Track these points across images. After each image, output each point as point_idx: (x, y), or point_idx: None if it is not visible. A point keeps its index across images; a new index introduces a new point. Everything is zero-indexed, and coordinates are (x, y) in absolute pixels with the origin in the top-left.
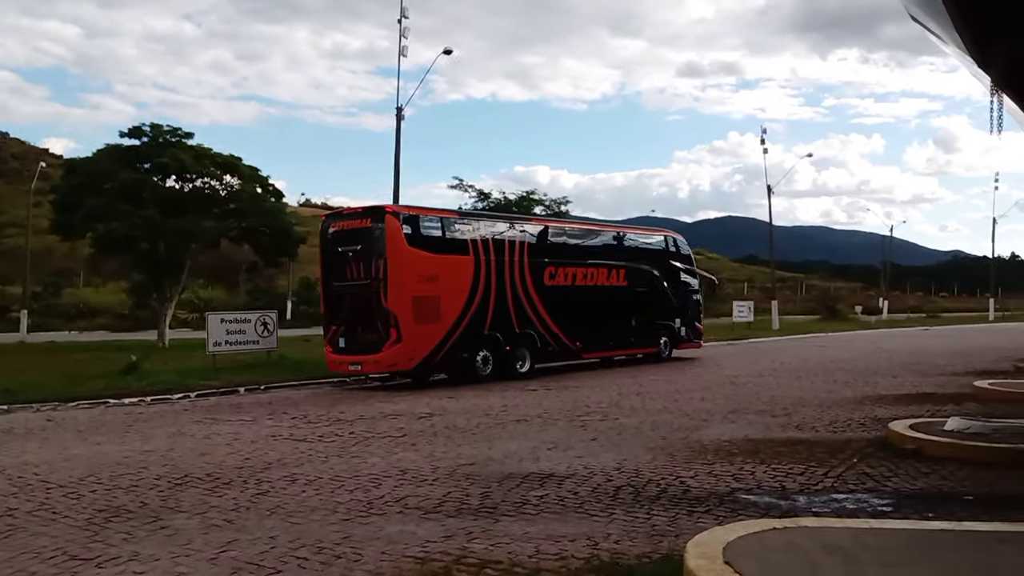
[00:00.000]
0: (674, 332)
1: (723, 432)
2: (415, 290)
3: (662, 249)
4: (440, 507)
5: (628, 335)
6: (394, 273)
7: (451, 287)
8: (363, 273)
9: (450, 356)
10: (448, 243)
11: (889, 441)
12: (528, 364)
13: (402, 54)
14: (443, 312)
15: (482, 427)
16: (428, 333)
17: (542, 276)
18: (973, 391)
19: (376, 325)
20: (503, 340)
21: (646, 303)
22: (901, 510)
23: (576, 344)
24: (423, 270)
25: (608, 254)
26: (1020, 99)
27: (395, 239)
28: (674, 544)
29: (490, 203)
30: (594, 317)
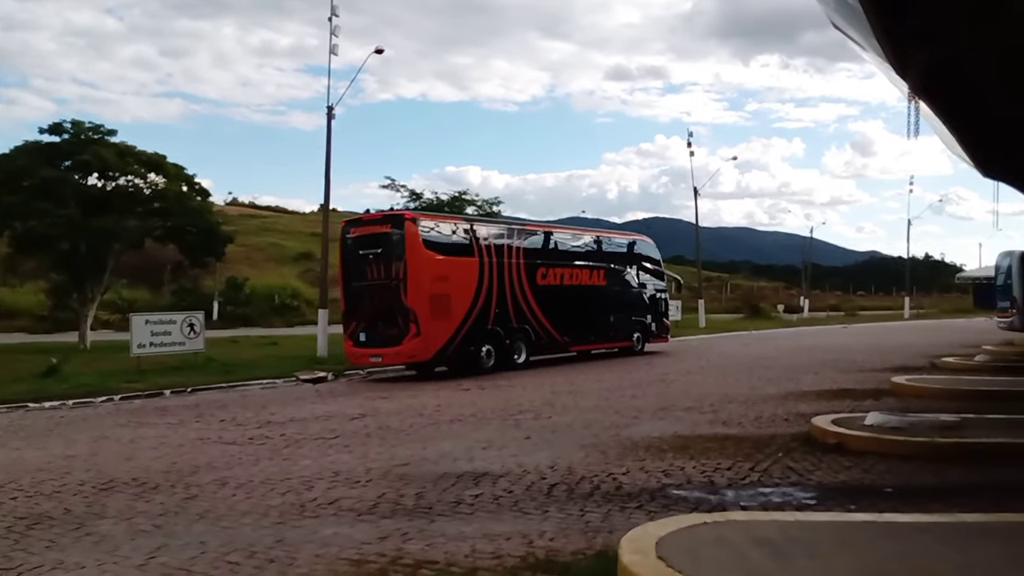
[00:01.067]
0: (646, 327)
1: (653, 429)
2: (431, 289)
3: (634, 251)
4: (374, 508)
5: (608, 330)
6: (413, 273)
7: (460, 286)
8: (384, 274)
9: (460, 348)
10: (457, 246)
11: (812, 436)
12: (524, 356)
13: (332, 52)
14: (454, 309)
15: (416, 427)
16: (442, 327)
17: (535, 276)
18: (891, 387)
19: (397, 320)
20: (504, 334)
21: (622, 301)
22: (825, 503)
23: (564, 338)
24: (437, 271)
25: (589, 256)
26: (935, 105)
27: (414, 243)
28: (608, 540)
29: (422, 203)
30: (579, 313)
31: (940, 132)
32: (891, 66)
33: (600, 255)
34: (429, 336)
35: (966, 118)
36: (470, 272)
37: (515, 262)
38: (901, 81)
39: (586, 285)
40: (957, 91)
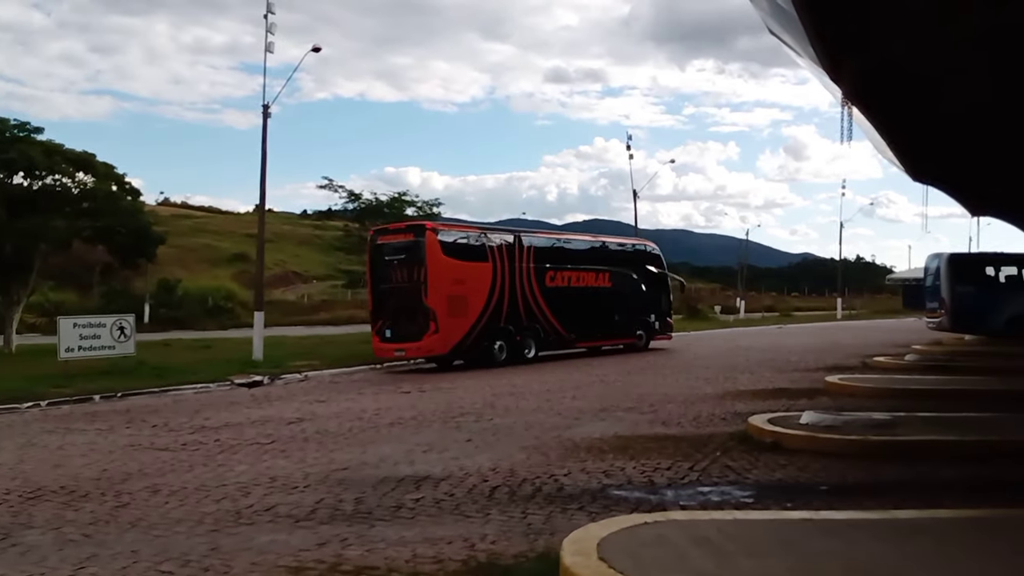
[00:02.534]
0: (650, 325)
1: (594, 430)
2: (449, 290)
3: (638, 255)
4: (313, 514)
5: (612, 328)
6: (433, 277)
7: (475, 288)
8: (407, 277)
9: (475, 344)
10: (473, 252)
11: (749, 435)
12: (534, 351)
13: (268, 50)
14: (470, 308)
15: (355, 431)
16: (458, 325)
17: (544, 279)
18: (825, 386)
19: (418, 319)
20: (515, 331)
21: (627, 300)
22: (762, 501)
23: (571, 335)
24: (454, 274)
25: (595, 260)
26: (867, 110)
27: (434, 249)
28: (550, 542)
29: (361, 204)
30: (585, 313)
31: (872, 137)
32: (825, 72)
33: (605, 259)
34: (447, 333)
35: (897, 124)
36: (484, 275)
37: (525, 266)
38: (835, 87)
39: (592, 287)
40: (889, 97)
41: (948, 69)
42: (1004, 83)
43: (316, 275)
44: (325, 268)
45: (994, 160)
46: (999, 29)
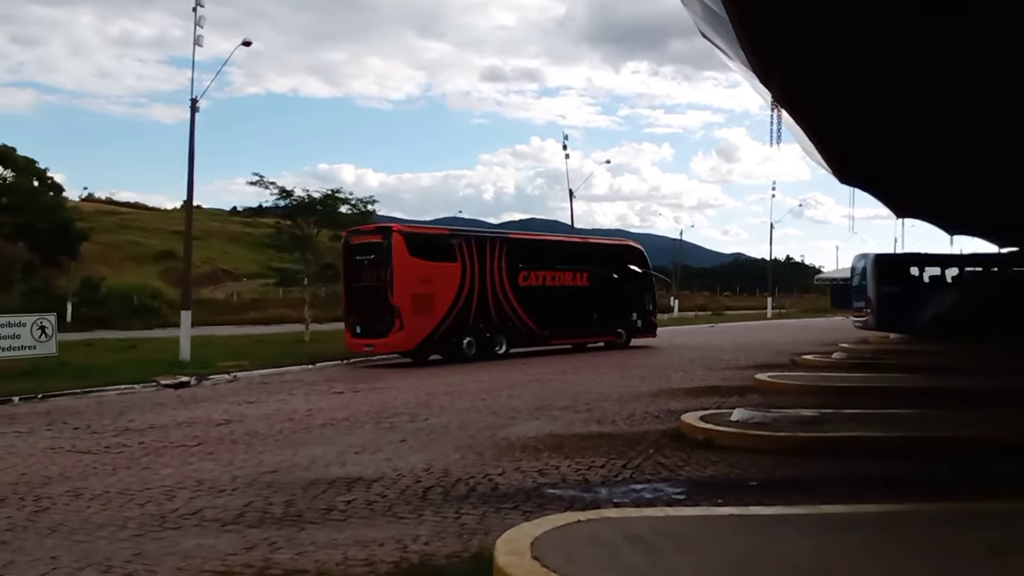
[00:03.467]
0: (631, 324)
1: (530, 429)
2: (414, 289)
3: (621, 256)
4: (241, 517)
5: (590, 326)
6: (398, 276)
7: (442, 287)
8: (375, 276)
9: (442, 340)
10: (440, 253)
11: (681, 432)
12: (504, 347)
13: (197, 44)
14: (436, 307)
15: (285, 433)
16: (424, 322)
17: (517, 278)
18: (755, 383)
19: (385, 316)
20: (484, 329)
21: (606, 300)
22: (694, 497)
23: (545, 333)
24: (420, 274)
25: (573, 260)
26: (796, 113)
27: (399, 251)
28: (483, 542)
29: (293, 201)
30: (560, 311)
31: (801, 140)
32: (755, 75)
33: (584, 259)
34: (412, 330)
35: (824, 127)
36: (452, 275)
37: (497, 266)
38: (765, 90)
39: (569, 286)
40: (816, 101)
41: (871, 76)
42: (924, 90)
43: (246, 273)
44: (256, 266)
45: (916, 164)
46: (918, 38)
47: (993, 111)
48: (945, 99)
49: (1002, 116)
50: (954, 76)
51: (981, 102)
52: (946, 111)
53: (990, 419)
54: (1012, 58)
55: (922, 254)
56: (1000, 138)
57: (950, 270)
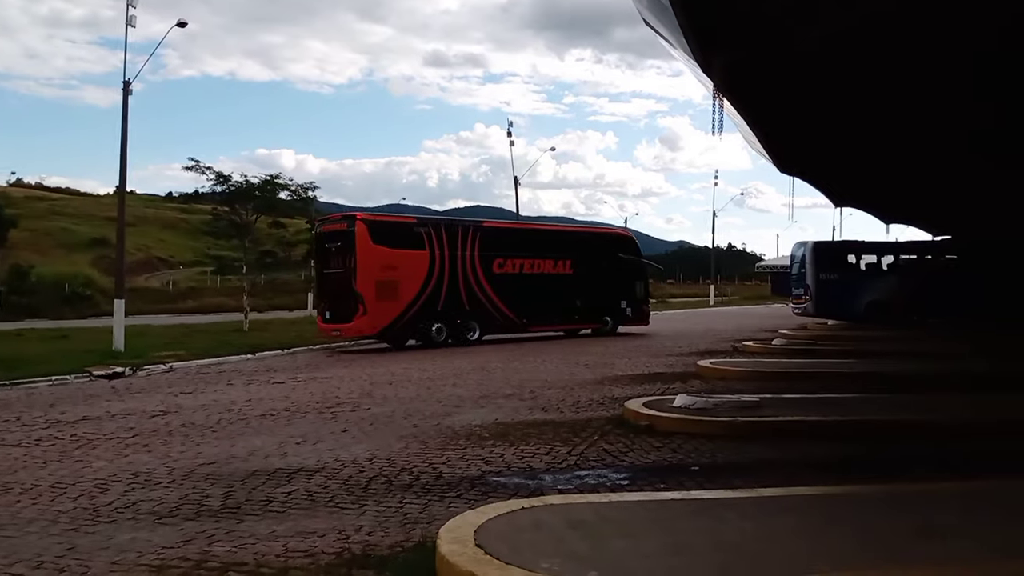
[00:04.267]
0: (619, 311)
1: (474, 417)
2: (378, 276)
3: (609, 244)
4: (177, 510)
5: (573, 313)
6: (361, 264)
7: (409, 275)
8: (341, 263)
9: (408, 326)
10: (406, 241)
11: (625, 419)
12: (477, 334)
13: (130, 24)
14: (402, 293)
15: (224, 423)
16: (388, 308)
17: (491, 266)
18: (697, 370)
19: (349, 302)
20: (454, 316)
21: (592, 288)
22: (637, 483)
23: (523, 320)
24: (384, 261)
25: (554, 248)
26: (737, 103)
27: (363, 239)
28: (427, 531)
29: (230, 186)
30: (540, 299)
31: (742, 129)
32: (698, 64)
33: (566, 248)
34: (374, 316)
35: (764, 117)
36: (420, 263)
37: (469, 254)
38: (707, 79)
39: (549, 274)
40: (756, 91)
41: (809, 67)
42: (859, 82)
43: (183, 261)
44: (193, 253)
45: (853, 154)
46: (853, 31)
47: (924, 104)
48: (879, 91)
49: (932, 109)
50: (887, 68)
51: (913, 95)
52: (880, 103)
53: (922, 403)
54: (942, 51)
55: (859, 242)
56: (931, 131)
57: (886, 257)
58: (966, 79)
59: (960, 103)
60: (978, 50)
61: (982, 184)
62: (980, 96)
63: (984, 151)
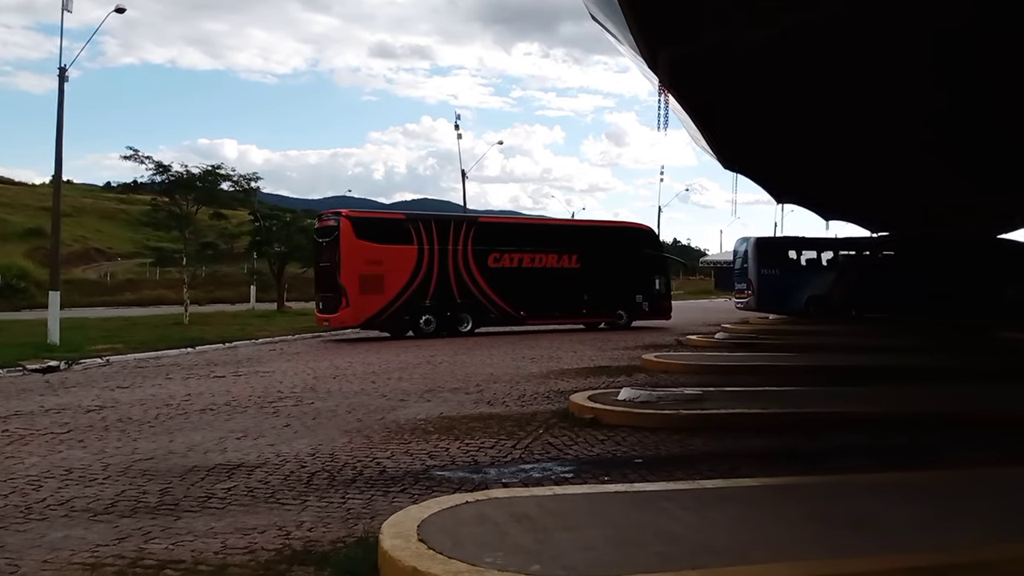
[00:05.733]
0: (635, 306)
1: (419, 411)
2: (361, 270)
3: (624, 238)
4: (113, 507)
5: (580, 307)
6: (345, 258)
7: (394, 268)
8: (330, 258)
9: (394, 318)
10: (392, 236)
11: (570, 412)
12: (469, 326)
13: (66, 9)
14: (387, 286)
15: (162, 418)
16: (372, 301)
17: (486, 260)
18: (642, 363)
19: (335, 294)
20: (444, 308)
21: (602, 281)
22: (581, 476)
23: (520, 313)
24: (369, 256)
25: (559, 243)
26: (682, 99)
27: (347, 234)
28: (369, 526)
29: (170, 176)
30: (541, 293)
31: (687, 126)
32: (644, 60)
33: (573, 242)
34: (358, 308)
35: (708, 114)
36: (407, 257)
37: (462, 248)
38: (653, 75)
39: (552, 268)
40: (700, 88)
41: (751, 65)
42: (800, 81)
43: (121, 252)
44: (132, 245)
45: (794, 152)
46: (796, 31)
47: (862, 104)
48: (819, 92)
49: (870, 110)
50: (827, 69)
51: (852, 96)
52: (820, 104)
53: (859, 395)
54: (880, 54)
55: (799, 238)
56: (869, 130)
57: (825, 253)
58: (906, 80)
59: (898, 103)
60: (917, 52)
61: (917, 182)
62: (918, 97)
63: (920, 151)
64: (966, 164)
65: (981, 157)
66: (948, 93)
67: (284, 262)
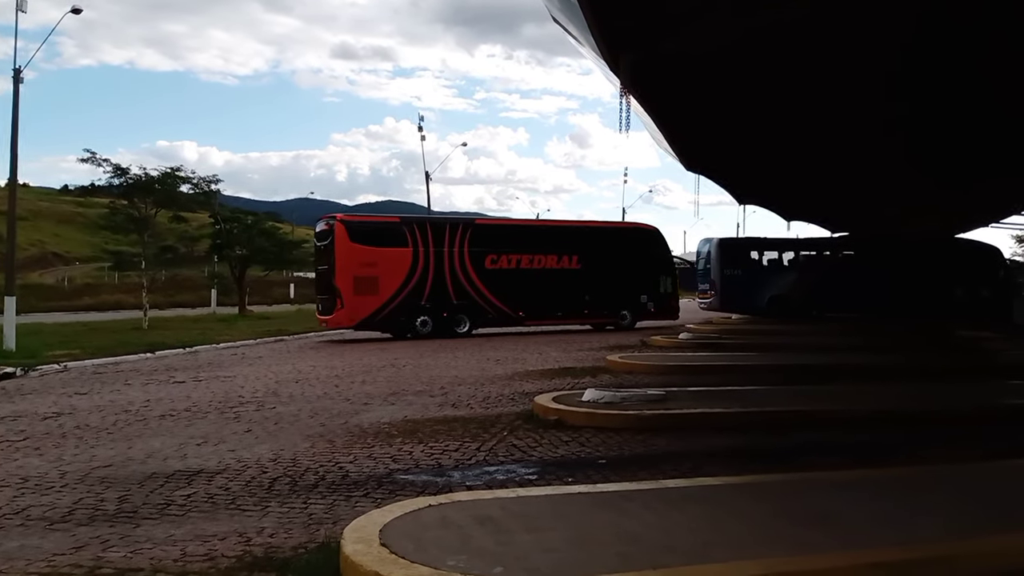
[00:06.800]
0: (640, 306)
1: (383, 415)
2: (356, 272)
3: (629, 239)
4: (70, 515)
5: (581, 307)
6: (339, 261)
7: (389, 270)
8: (327, 261)
9: (389, 319)
10: (387, 239)
11: (535, 414)
12: (467, 327)
13: (20, 9)
14: (382, 288)
15: (120, 425)
16: (367, 302)
17: (483, 262)
18: (607, 364)
19: (332, 296)
20: (440, 309)
21: (604, 282)
22: (545, 477)
23: (519, 313)
24: (363, 258)
25: (559, 244)
26: (644, 101)
27: (342, 237)
28: (331, 532)
29: (128, 179)
30: (540, 293)
31: (649, 127)
32: (606, 62)
33: (573, 243)
34: (352, 309)
35: (670, 115)
36: (402, 259)
37: (458, 251)
38: (615, 77)
39: (551, 269)
40: (662, 90)
41: (712, 67)
42: (760, 84)
43: (79, 256)
44: (90, 249)
45: (755, 154)
46: (756, 35)
47: (821, 106)
48: (779, 94)
49: (829, 112)
50: (787, 72)
51: (811, 98)
52: (780, 106)
53: (820, 394)
54: (838, 58)
55: (761, 239)
56: (829, 132)
57: (787, 254)
58: (864, 82)
59: (857, 107)
60: (875, 56)
61: (876, 183)
62: (878, 101)
63: (880, 153)
64: (926, 163)
65: (941, 156)
66: (909, 97)
67: (246, 265)
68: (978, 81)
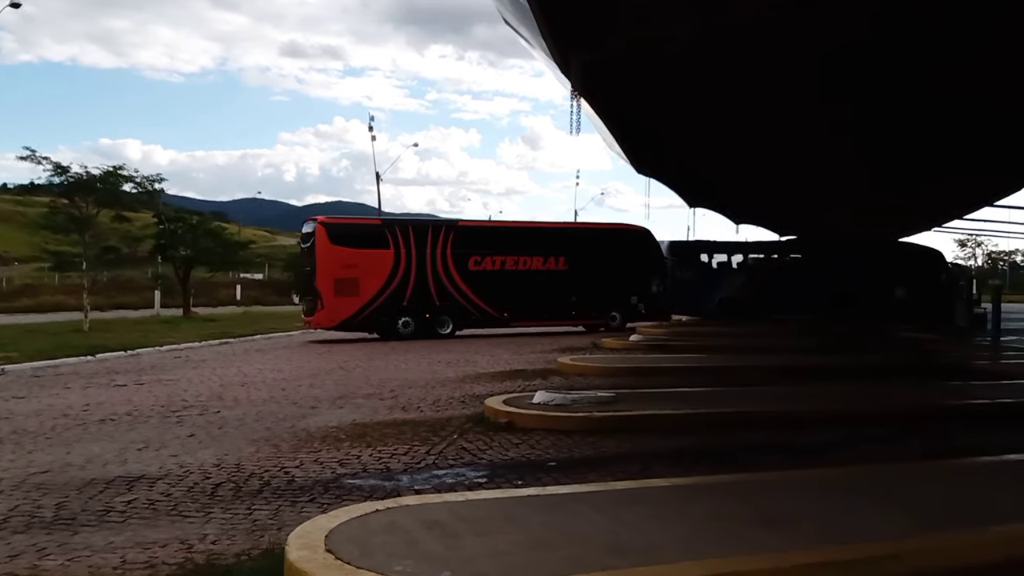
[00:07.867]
0: (630, 307)
1: (331, 418)
2: (336, 274)
3: (618, 240)
4: (5, 523)
5: (568, 308)
6: (320, 262)
7: (369, 272)
8: (308, 262)
9: (370, 319)
10: (368, 240)
11: (485, 416)
12: (450, 328)
13: None
14: (362, 289)
15: (59, 430)
16: (347, 304)
17: (467, 263)
18: (558, 366)
19: (312, 297)
20: (422, 310)
21: (592, 284)
22: (495, 480)
23: (503, 315)
24: (343, 260)
25: (544, 245)
26: (595, 104)
27: (322, 239)
28: (276, 538)
29: (69, 178)
30: (525, 295)
31: (600, 130)
32: (557, 64)
33: (559, 244)
34: (332, 310)
35: (620, 118)
36: (383, 260)
37: (440, 252)
38: (566, 79)
39: (537, 271)
40: (612, 92)
41: (659, 71)
42: (707, 88)
43: (18, 256)
44: (30, 248)
45: (702, 157)
46: (707, 40)
47: (769, 110)
48: (727, 100)
49: (777, 115)
50: (735, 77)
51: (759, 102)
52: (728, 111)
53: (767, 395)
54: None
55: (711, 242)
56: (775, 136)
57: (736, 256)
58: (809, 87)
59: (804, 109)
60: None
61: (825, 186)
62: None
63: (828, 154)
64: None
65: (889, 158)
66: (855, 98)
67: (190, 266)
68: (926, 82)
